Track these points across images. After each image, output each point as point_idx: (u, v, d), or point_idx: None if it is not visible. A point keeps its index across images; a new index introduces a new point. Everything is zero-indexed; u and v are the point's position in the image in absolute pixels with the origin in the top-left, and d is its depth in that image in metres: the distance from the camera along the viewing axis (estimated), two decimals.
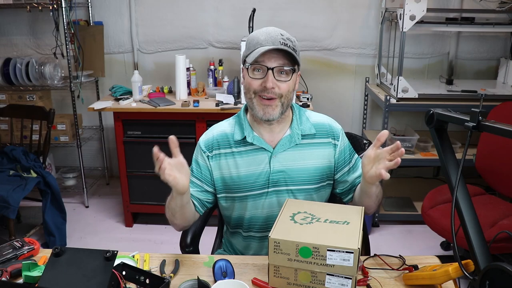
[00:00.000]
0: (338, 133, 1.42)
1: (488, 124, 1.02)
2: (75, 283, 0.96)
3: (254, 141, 1.36)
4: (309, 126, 1.40)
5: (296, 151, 1.37)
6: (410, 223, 3.07)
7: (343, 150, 1.42)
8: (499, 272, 0.92)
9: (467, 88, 2.96)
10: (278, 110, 1.31)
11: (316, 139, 1.39)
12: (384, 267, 1.26)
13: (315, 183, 1.39)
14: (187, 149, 3.31)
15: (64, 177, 3.54)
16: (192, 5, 3.38)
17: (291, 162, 1.36)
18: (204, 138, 1.43)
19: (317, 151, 1.39)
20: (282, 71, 1.28)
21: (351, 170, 1.43)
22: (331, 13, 3.35)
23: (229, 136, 1.40)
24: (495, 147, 2.50)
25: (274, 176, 1.36)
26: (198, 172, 1.41)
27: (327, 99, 3.48)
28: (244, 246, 1.47)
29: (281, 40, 1.26)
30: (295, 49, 1.28)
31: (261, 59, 1.27)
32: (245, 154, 1.38)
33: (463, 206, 1.09)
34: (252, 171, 1.37)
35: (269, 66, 1.27)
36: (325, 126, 1.42)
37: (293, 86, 1.32)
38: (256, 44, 1.28)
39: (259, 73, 1.29)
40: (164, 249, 2.78)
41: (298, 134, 1.38)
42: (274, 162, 1.36)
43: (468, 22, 2.98)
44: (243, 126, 1.39)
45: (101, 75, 3.50)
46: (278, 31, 1.29)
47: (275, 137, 1.38)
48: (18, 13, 3.43)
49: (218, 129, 1.43)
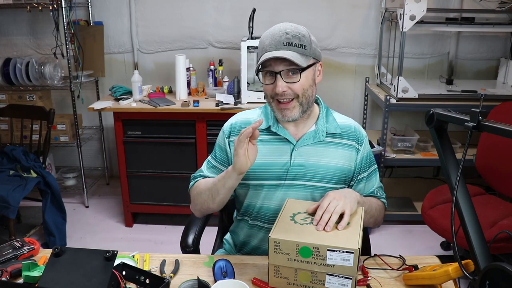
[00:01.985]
0: (362, 138, 1.42)
1: (488, 124, 1.02)
2: (75, 283, 0.96)
3: (278, 131, 1.37)
4: (335, 125, 1.39)
5: (319, 148, 1.37)
6: (410, 223, 3.07)
7: (364, 157, 1.41)
8: (499, 272, 0.92)
9: (467, 88, 2.96)
10: (297, 110, 1.30)
11: (341, 140, 1.39)
12: (384, 267, 1.26)
13: (333, 182, 1.37)
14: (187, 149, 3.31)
15: (64, 177, 3.54)
16: (192, 5, 3.38)
17: (312, 157, 1.36)
18: (228, 124, 1.45)
19: (340, 151, 1.38)
20: (290, 73, 1.26)
21: (364, 179, 1.42)
22: (331, 13, 3.35)
23: (252, 123, 1.40)
24: (495, 147, 2.50)
25: (294, 169, 1.35)
26: (222, 157, 1.43)
27: (327, 99, 3.41)
28: (248, 234, 1.46)
29: (284, 41, 1.24)
30: (303, 45, 1.25)
31: (268, 64, 1.26)
32: (267, 143, 1.37)
33: (463, 206, 1.09)
34: (271, 160, 1.36)
35: (276, 71, 1.26)
36: (351, 128, 1.41)
37: (309, 82, 1.29)
38: (262, 50, 1.28)
39: (269, 78, 1.29)
40: (164, 249, 2.78)
41: (323, 131, 1.37)
42: (295, 155, 1.36)
43: (468, 22, 2.98)
44: (269, 116, 1.39)
45: (101, 75, 3.50)
46: (283, 29, 1.26)
47: (299, 131, 1.38)
48: (18, 13, 3.43)
49: (242, 116, 1.45)
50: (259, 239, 1.44)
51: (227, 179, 1.27)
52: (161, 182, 2.98)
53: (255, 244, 1.45)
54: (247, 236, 1.47)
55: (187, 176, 1.51)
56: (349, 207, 1.18)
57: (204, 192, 1.36)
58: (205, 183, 1.38)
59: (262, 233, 1.43)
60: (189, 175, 1.52)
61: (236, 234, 1.52)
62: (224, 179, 1.28)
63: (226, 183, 1.27)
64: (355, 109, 3.57)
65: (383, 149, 2.85)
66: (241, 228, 1.49)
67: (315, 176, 1.36)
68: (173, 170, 2.94)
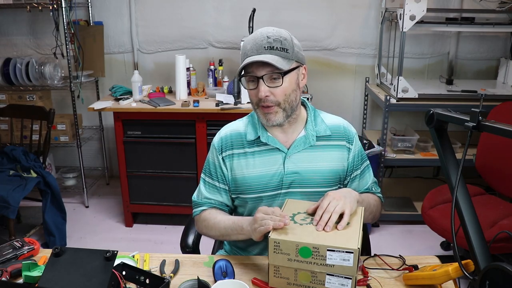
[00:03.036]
0: (352, 137, 1.41)
1: (488, 124, 1.02)
2: (75, 283, 0.96)
3: (268, 141, 1.35)
4: (324, 127, 1.38)
5: (311, 153, 1.35)
6: (410, 223, 3.07)
7: (356, 154, 1.40)
8: (499, 272, 0.92)
9: (467, 88, 2.96)
10: (280, 115, 1.29)
11: (331, 141, 1.38)
12: (384, 267, 1.26)
13: (328, 185, 1.36)
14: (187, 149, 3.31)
15: (64, 177, 3.54)
16: (192, 5, 3.38)
17: (305, 163, 1.35)
18: (217, 138, 1.43)
19: (331, 154, 1.37)
20: (273, 77, 1.25)
21: (358, 176, 1.42)
22: (331, 13, 3.35)
23: (242, 135, 1.39)
24: (495, 147, 2.50)
25: (288, 177, 1.34)
26: (218, 174, 1.41)
27: (327, 99, 3.48)
28: (248, 243, 1.43)
29: (266, 45, 1.22)
30: (285, 48, 1.24)
31: (250, 70, 1.25)
32: (258, 155, 1.36)
33: (463, 206, 1.09)
34: (265, 172, 1.35)
35: (258, 75, 1.24)
36: (340, 128, 1.40)
37: (292, 86, 1.27)
38: (244, 55, 1.27)
39: (253, 83, 1.28)
40: (164, 249, 2.78)
41: (313, 135, 1.36)
42: (288, 163, 1.34)
43: (468, 22, 2.98)
44: (256, 126, 1.38)
45: (101, 75, 3.50)
46: (264, 33, 1.24)
47: (289, 138, 1.37)
48: (18, 13, 3.43)
49: (231, 128, 1.42)
50: (260, 249, 1.42)
51: (241, 235, 1.27)
52: (161, 182, 2.98)
53: (255, 253, 1.43)
54: (247, 245, 1.45)
55: (187, 176, 1.52)
56: (349, 207, 1.18)
57: (213, 229, 1.35)
58: (214, 221, 1.35)
59: (262, 243, 1.40)
60: (189, 175, 1.52)
61: (237, 244, 1.49)
62: (237, 233, 1.28)
63: (239, 237, 1.29)
64: (355, 109, 3.57)
65: (383, 149, 2.85)
66: None
67: (310, 182, 1.35)
68: (173, 170, 2.94)
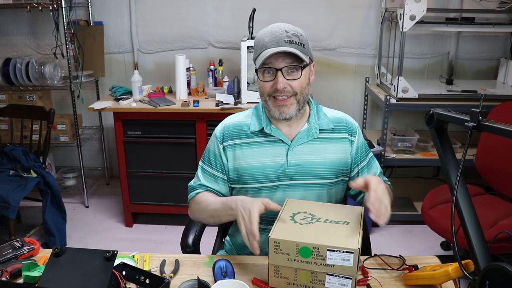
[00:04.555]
0: (355, 130, 1.43)
1: (488, 124, 1.02)
2: (75, 283, 0.96)
3: (272, 133, 1.37)
4: (327, 121, 1.40)
5: (314, 145, 1.37)
6: (410, 223, 3.07)
7: (359, 146, 1.42)
8: (499, 272, 0.92)
9: (467, 88, 2.96)
10: (294, 107, 1.31)
11: (334, 134, 1.40)
12: (384, 267, 1.26)
13: (330, 177, 1.38)
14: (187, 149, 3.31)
15: (64, 177, 3.54)
16: (192, 5, 3.38)
17: (308, 155, 1.36)
18: (219, 128, 1.44)
19: (334, 146, 1.39)
20: (291, 69, 1.28)
21: (365, 167, 1.43)
22: (331, 13, 3.35)
23: (244, 126, 1.40)
24: (495, 147, 2.50)
25: (291, 169, 1.36)
26: (218, 163, 1.42)
27: (327, 99, 3.47)
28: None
29: (286, 39, 1.25)
30: (302, 43, 1.28)
31: (269, 61, 1.27)
32: (261, 145, 1.38)
33: (463, 206, 1.09)
34: (268, 162, 1.36)
35: (277, 67, 1.27)
36: (342, 121, 1.43)
37: (306, 80, 1.32)
38: (262, 47, 1.28)
39: (269, 74, 1.29)
40: (164, 249, 2.78)
41: (316, 128, 1.38)
42: (291, 155, 1.36)
43: (468, 22, 2.98)
44: (261, 117, 1.39)
45: (101, 75, 3.50)
46: (282, 28, 1.28)
47: (293, 131, 1.38)
48: (18, 13, 3.43)
49: (234, 119, 1.44)
50: (260, 246, 1.42)
51: (231, 216, 1.26)
52: (161, 182, 2.98)
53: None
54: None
55: (187, 176, 1.51)
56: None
57: (204, 211, 1.36)
58: (206, 203, 1.36)
59: (262, 236, 1.42)
60: (189, 175, 1.51)
61: (235, 238, 1.50)
62: (228, 214, 1.26)
63: (229, 218, 1.27)
64: (355, 109, 3.57)
65: (383, 149, 2.85)
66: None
67: (312, 174, 1.36)
68: (173, 170, 2.94)
